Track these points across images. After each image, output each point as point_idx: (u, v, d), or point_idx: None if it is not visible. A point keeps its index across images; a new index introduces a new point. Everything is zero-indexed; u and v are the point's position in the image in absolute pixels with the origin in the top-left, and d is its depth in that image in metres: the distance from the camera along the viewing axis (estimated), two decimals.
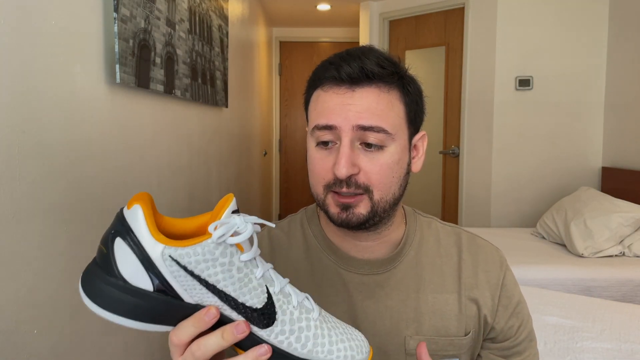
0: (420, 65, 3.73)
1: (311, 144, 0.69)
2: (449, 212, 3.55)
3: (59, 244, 1.05)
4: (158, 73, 1.52)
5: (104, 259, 0.45)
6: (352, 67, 0.65)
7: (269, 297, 0.47)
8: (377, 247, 0.74)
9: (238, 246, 0.45)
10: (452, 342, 0.72)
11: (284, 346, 0.47)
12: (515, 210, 3.21)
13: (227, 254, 0.45)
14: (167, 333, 0.50)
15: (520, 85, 3.12)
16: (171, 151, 1.76)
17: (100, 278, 0.44)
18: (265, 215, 4.62)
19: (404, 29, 3.77)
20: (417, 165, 0.74)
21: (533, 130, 3.16)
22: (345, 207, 0.65)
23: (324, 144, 0.67)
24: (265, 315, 0.47)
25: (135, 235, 0.44)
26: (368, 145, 0.65)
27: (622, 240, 2.28)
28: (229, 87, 2.72)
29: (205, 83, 2.13)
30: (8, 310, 0.89)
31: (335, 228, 0.73)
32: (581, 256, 2.25)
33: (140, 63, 1.37)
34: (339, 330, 0.50)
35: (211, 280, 0.45)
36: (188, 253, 0.44)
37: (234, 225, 0.44)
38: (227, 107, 2.59)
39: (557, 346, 1.41)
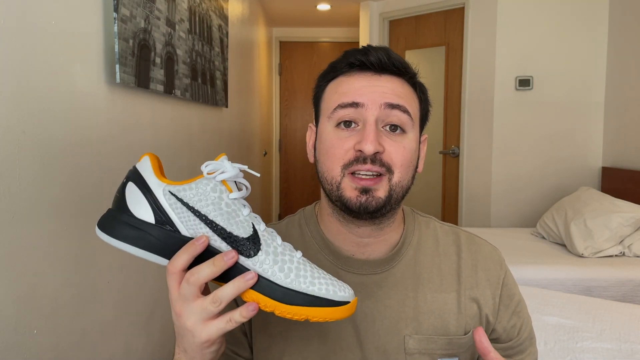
0: (420, 65, 3.72)
1: (328, 127, 0.69)
2: (449, 212, 3.56)
3: (59, 243, 1.05)
4: (158, 73, 1.52)
5: (117, 202, 0.55)
6: (379, 54, 0.68)
7: (255, 231, 0.54)
8: (377, 247, 0.73)
9: (227, 187, 0.54)
10: (451, 341, 0.72)
11: (268, 275, 0.53)
12: (515, 210, 3.21)
13: (217, 190, 0.53)
14: (166, 335, 0.52)
15: (520, 85, 3.12)
16: (171, 151, 1.76)
17: (112, 215, 0.54)
18: (265, 215, 4.62)
19: (404, 29, 3.77)
20: (420, 166, 0.75)
21: (533, 130, 3.16)
22: (365, 190, 0.65)
23: (345, 124, 0.67)
24: (251, 243, 0.53)
25: (143, 178, 0.54)
26: (392, 129, 0.67)
27: (622, 240, 2.28)
28: (229, 87, 2.72)
29: (205, 83, 2.13)
30: (8, 310, 0.89)
31: (337, 225, 0.73)
32: (581, 256, 2.25)
33: (140, 63, 1.37)
34: (322, 272, 0.56)
35: (203, 211, 0.53)
36: (184, 188, 0.53)
37: (221, 166, 0.54)
38: (227, 107, 2.59)
39: (557, 346, 1.41)
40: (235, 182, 0.56)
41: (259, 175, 0.56)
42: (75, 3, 1.09)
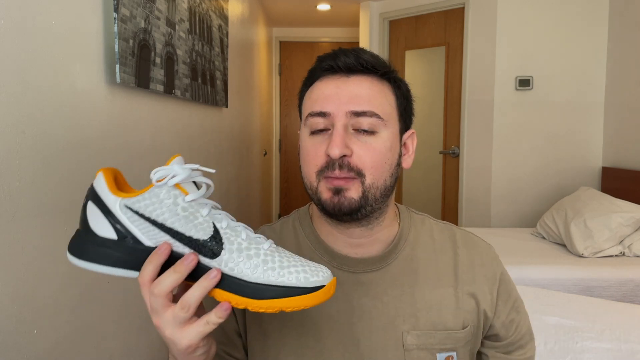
0: (420, 65, 3.73)
1: (305, 133, 0.70)
2: (449, 212, 3.55)
3: (59, 243, 1.05)
4: (158, 73, 1.52)
5: (81, 223, 0.55)
6: (348, 57, 0.68)
7: (216, 230, 0.53)
8: (370, 245, 0.74)
9: (182, 191, 0.53)
10: (449, 336, 0.73)
11: (234, 273, 0.52)
12: (515, 210, 3.21)
13: (170, 196, 0.53)
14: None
15: (520, 85, 3.12)
16: (171, 151, 1.76)
17: (78, 236, 0.54)
18: (265, 215, 4.62)
19: (404, 29, 3.77)
20: (407, 162, 0.75)
21: (533, 130, 3.16)
22: (337, 191, 0.66)
23: (318, 131, 0.68)
24: (213, 244, 0.53)
25: (99, 195, 0.54)
26: (362, 131, 0.67)
27: (622, 240, 2.28)
28: (229, 87, 2.72)
29: (205, 83, 2.13)
30: (8, 310, 0.89)
31: (328, 227, 0.74)
32: (581, 256, 2.25)
33: (140, 63, 1.37)
34: (293, 259, 0.55)
35: (159, 220, 0.52)
36: (138, 200, 0.53)
37: (171, 170, 0.53)
38: (227, 107, 2.59)
39: (557, 346, 1.41)
40: (195, 182, 0.55)
41: (214, 171, 0.54)
42: (75, 3, 1.09)
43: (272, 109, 5.03)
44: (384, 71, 0.70)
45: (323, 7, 4.25)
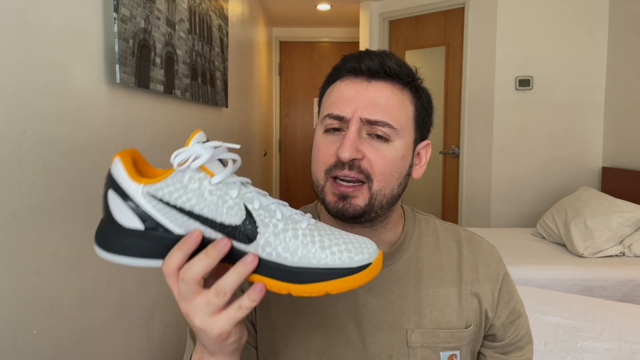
0: (421, 65, 3.73)
1: (319, 131, 0.70)
2: (449, 212, 3.55)
3: (59, 243, 1.05)
4: (158, 73, 1.52)
5: (105, 212, 0.51)
6: (372, 61, 0.68)
7: (248, 213, 0.49)
8: None
9: (207, 172, 0.49)
10: (453, 335, 0.73)
11: (273, 258, 0.48)
12: (515, 210, 3.21)
13: (195, 180, 0.48)
14: (166, 335, 0.51)
15: (520, 85, 3.12)
16: (171, 151, 1.76)
17: (103, 228, 0.50)
18: None
19: (404, 29, 3.77)
20: (418, 173, 0.75)
21: (533, 130, 3.16)
22: (343, 197, 0.66)
23: (333, 130, 0.68)
24: (247, 229, 0.48)
25: (118, 183, 0.49)
26: (376, 136, 0.67)
27: (622, 240, 2.28)
28: (229, 87, 2.72)
29: (205, 83, 2.13)
30: (8, 310, 0.89)
31: (335, 223, 0.74)
32: (581, 256, 2.25)
33: (140, 63, 1.37)
34: (335, 236, 0.50)
35: (186, 207, 0.48)
36: (161, 186, 0.48)
37: (193, 152, 0.48)
38: (227, 107, 2.59)
39: (557, 346, 1.41)
40: (220, 160, 0.51)
41: (238, 146, 0.50)
42: (75, 3, 1.09)
43: (272, 109, 5.02)
44: (406, 80, 0.70)
45: (323, 7, 4.26)
